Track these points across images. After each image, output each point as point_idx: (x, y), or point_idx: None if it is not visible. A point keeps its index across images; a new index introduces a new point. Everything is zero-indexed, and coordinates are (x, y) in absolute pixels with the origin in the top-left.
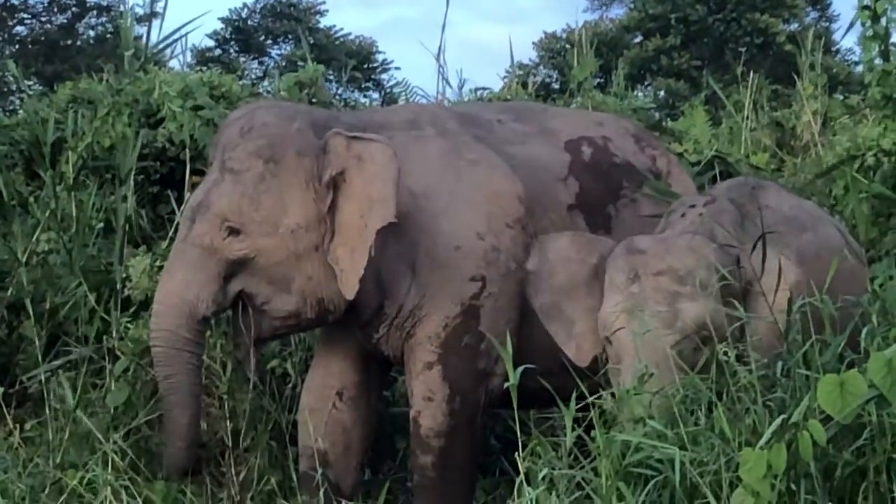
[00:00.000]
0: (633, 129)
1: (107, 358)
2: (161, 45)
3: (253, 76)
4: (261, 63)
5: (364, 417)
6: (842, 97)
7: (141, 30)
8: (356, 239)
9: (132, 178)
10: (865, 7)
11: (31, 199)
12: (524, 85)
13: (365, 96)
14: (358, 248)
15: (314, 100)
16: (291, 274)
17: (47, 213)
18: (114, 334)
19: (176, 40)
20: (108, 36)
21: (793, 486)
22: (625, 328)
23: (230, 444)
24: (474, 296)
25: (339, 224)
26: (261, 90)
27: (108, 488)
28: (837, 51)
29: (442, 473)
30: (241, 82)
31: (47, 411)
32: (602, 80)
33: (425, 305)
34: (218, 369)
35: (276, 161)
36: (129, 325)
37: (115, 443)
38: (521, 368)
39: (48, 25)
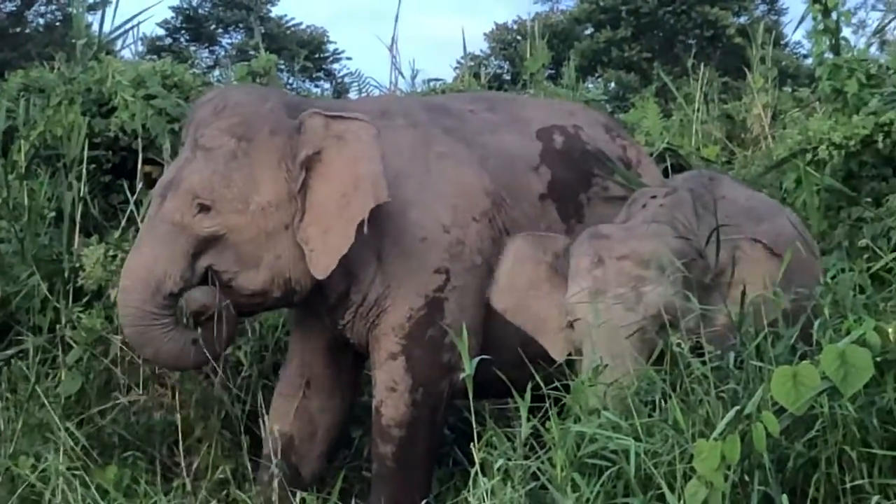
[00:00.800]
0: (604, 119)
1: (60, 347)
2: (114, 35)
3: (204, 65)
4: (211, 52)
5: (332, 406)
6: (791, 90)
7: (91, 18)
8: (333, 219)
9: (84, 167)
10: (816, 1)
11: None
12: (476, 76)
13: (316, 86)
14: (336, 228)
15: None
16: (260, 252)
17: None
18: (64, 323)
19: (128, 30)
20: (58, 24)
21: (746, 477)
22: (586, 313)
23: (181, 434)
24: (438, 288)
25: (311, 204)
26: (212, 79)
27: (61, 478)
28: (786, 44)
29: (401, 464)
30: (192, 71)
31: None
32: (553, 72)
33: (390, 296)
34: None
35: (248, 139)
36: (81, 314)
37: (67, 429)
38: (476, 360)
39: None
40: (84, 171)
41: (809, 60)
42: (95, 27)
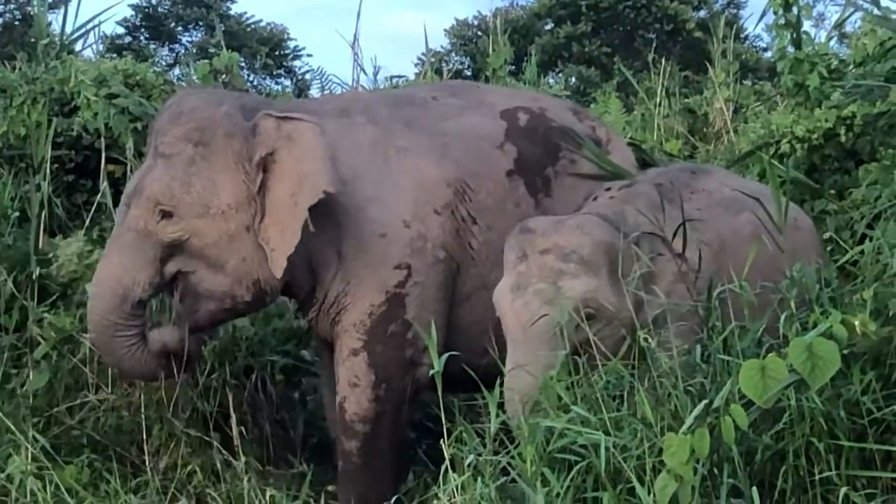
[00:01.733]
0: (569, 104)
1: (30, 345)
2: (76, 34)
3: (164, 63)
4: (171, 50)
5: None
6: (752, 84)
7: (51, 17)
8: (287, 218)
9: (47, 166)
10: None
11: None
12: (438, 72)
13: (277, 83)
14: (289, 227)
15: (229, 87)
16: (225, 255)
17: None
18: (30, 322)
19: (91, 29)
20: (17, 23)
21: (715, 470)
22: (509, 307)
23: (146, 432)
24: (399, 284)
25: (269, 204)
26: (172, 78)
27: (30, 477)
28: (746, 37)
29: (366, 460)
30: (153, 70)
31: None
32: (514, 68)
33: (350, 292)
34: None
35: (204, 144)
36: (46, 312)
37: (35, 426)
38: (445, 356)
39: None
40: (48, 170)
41: (769, 54)
42: (55, 26)
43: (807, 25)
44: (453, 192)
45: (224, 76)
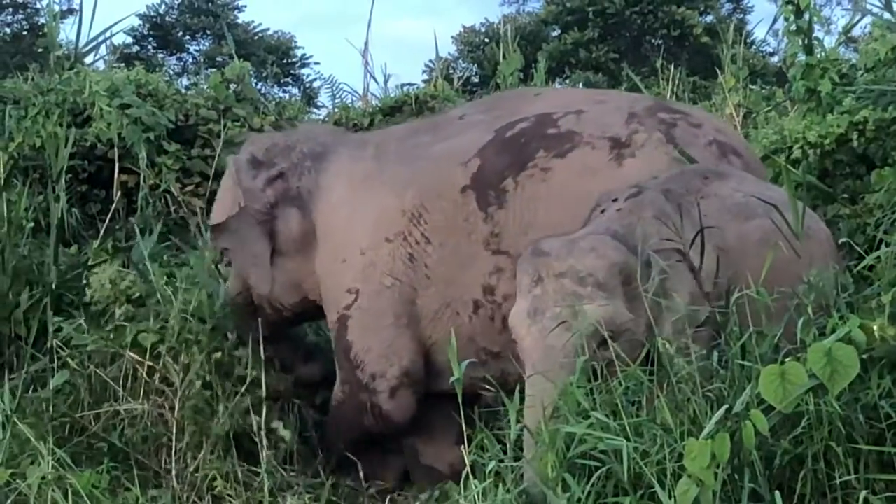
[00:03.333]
0: (637, 107)
1: (50, 355)
2: (89, 46)
3: (172, 72)
4: (179, 59)
5: None
6: (760, 88)
7: (61, 27)
8: None
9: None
10: (789, 2)
11: None
12: (449, 80)
13: (285, 91)
14: None
15: (241, 97)
16: None
17: None
18: (52, 332)
19: (104, 41)
20: (25, 33)
21: (735, 475)
22: (526, 332)
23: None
24: (346, 307)
25: None
26: (181, 87)
27: (51, 486)
28: (752, 42)
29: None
30: (165, 79)
31: None
32: (522, 75)
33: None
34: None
35: None
36: (68, 328)
37: (54, 433)
38: (465, 363)
39: None
40: (63, 181)
41: (776, 58)
42: (63, 36)
43: (817, 31)
44: (408, 218)
45: (236, 86)
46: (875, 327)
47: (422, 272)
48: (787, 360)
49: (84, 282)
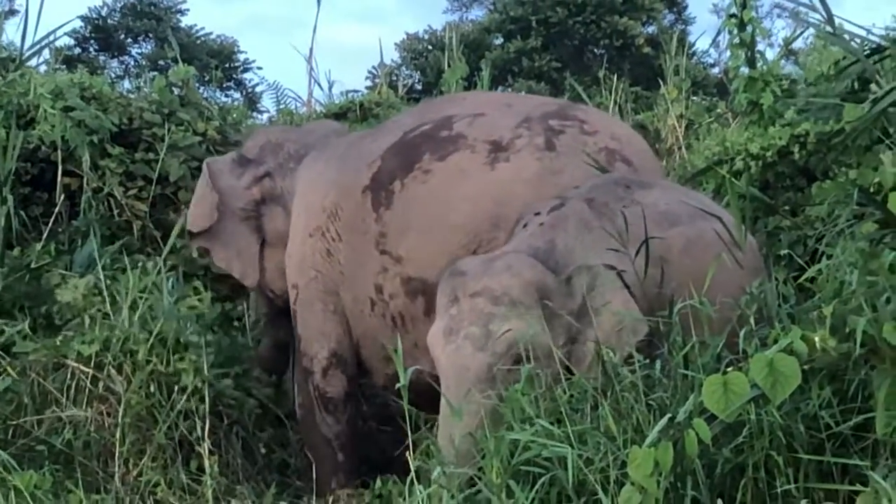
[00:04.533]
0: (537, 112)
1: None
2: (34, 49)
3: (113, 75)
4: (121, 62)
5: None
6: (702, 100)
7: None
8: None
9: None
10: (732, 15)
11: None
12: (393, 87)
13: (227, 96)
14: None
15: (185, 101)
16: None
17: None
18: None
19: (49, 43)
20: None
21: (678, 483)
22: (441, 350)
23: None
24: (294, 300)
25: None
26: (123, 90)
27: None
28: (694, 53)
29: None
30: (109, 82)
31: None
32: (466, 83)
33: None
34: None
35: None
36: (4, 327)
37: None
38: (411, 369)
39: None
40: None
41: (717, 70)
42: (4, 37)
43: (759, 43)
44: (327, 215)
45: (180, 90)
46: (816, 338)
47: (337, 267)
48: (729, 370)
49: (27, 284)
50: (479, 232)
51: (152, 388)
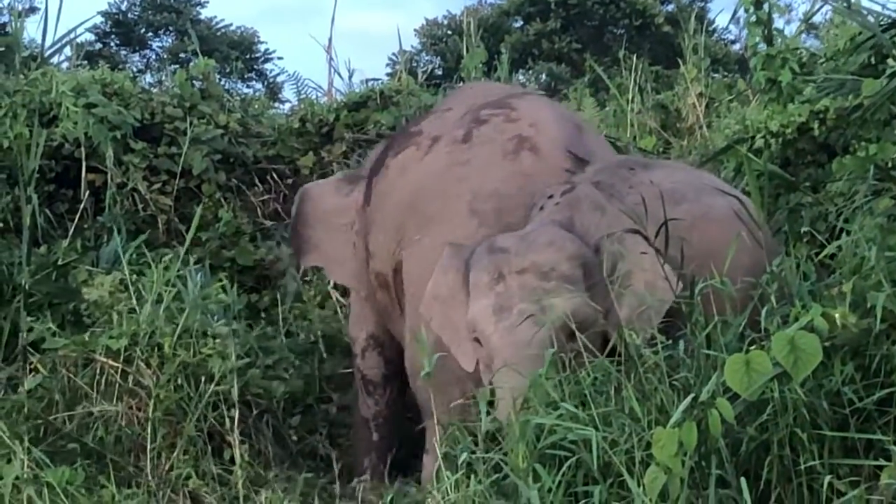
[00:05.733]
0: (482, 103)
1: (24, 357)
2: (55, 47)
3: (134, 69)
4: (142, 56)
5: None
6: (723, 77)
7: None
8: None
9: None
10: None
11: None
12: (413, 74)
13: (248, 87)
14: None
15: (206, 94)
16: None
17: None
18: (22, 335)
19: (69, 41)
20: None
21: (703, 462)
22: (493, 328)
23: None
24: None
25: None
26: (145, 84)
27: (25, 484)
28: (714, 30)
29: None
30: (130, 78)
31: None
32: (485, 67)
33: None
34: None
35: None
36: (34, 325)
37: (28, 433)
38: (436, 356)
39: None
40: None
41: (737, 46)
42: (25, 35)
43: (777, 20)
44: (354, 209)
45: (201, 83)
46: (837, 315)
47: (359, 258)
48: (751, 348)
49: (54, 281)
50: (400, 226)
51: (180, 381)
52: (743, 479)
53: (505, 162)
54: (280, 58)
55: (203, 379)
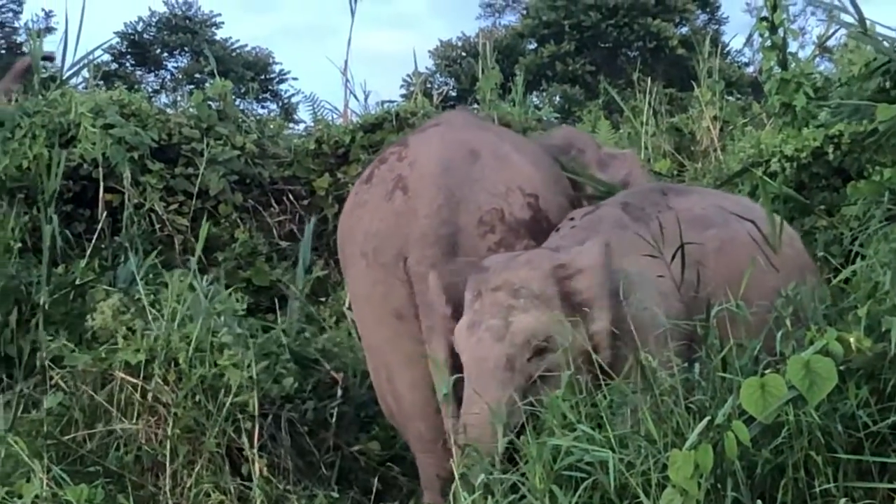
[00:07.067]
0: (407, 136)
1: (43, 374)
2: (74, 69)
3: (150, 89)
4: (157, 76)
5: None
6: (736, 99)
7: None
8: None
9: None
10: (763, 19)
11: None
12: (428, 96)
13: (263, 108)
14: None
15: (223, 115)
16: None
17: None
18: (40, 353)
19: (88, 63)
20: (2, 52)
21: (718, 485)
22: (465, 344)
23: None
24: None
25: None
26: (160, 104)
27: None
28: (728, 52)
29: None
30: (147, 99)
31: None
32: (501, 89)
33: None
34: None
35: None
36: (58, 347)
37: (47, 451)
38: (452, 378)
39: None
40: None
41: (751, 69)
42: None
43: (791, 44)
44: None
45: (218, 104)
46: (852, 339)
47: None
48: (766, 371)
49: (72, 301)
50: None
51: (198, 398)
52: (759, 502)
53: (383, 202)
54: (295, 78)
55: (221, 392)
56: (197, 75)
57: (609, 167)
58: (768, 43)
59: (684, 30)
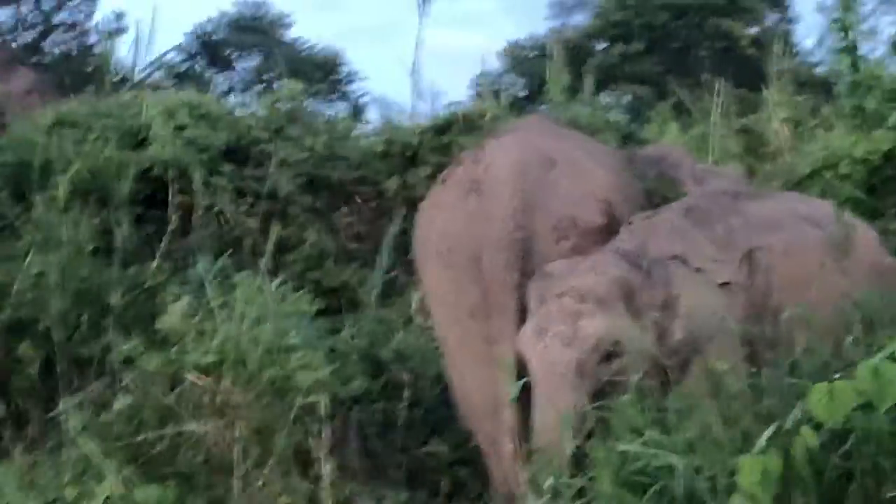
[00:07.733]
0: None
1: (113, 375)
2: (147, 71)
3: (219, 90)
4: (227, 77)
5: None
6: (807, 100)
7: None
8: None
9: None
10: (835, 20)
11: (18, 222)
12: (496, 96)
13: (331, 108)
14: None
15: (291, 116)
16: None
17: (39, 236)
18: (112, 355)
19: (160, 66)
20: (75, 54)
21: (786, 490)
22: (533, 351)
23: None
24: None
25: None
26: (230, 105)
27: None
28: (798, 52)
29: None
30: (218, 101)
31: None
32: (569, 90)
33: None
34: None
35: None
36: (131, 350)
37: (118, 450)
38: (520, 382)
39: (14, 44)
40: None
41: (822, 68)
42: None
43: (863, 46)
44: None
45: (288, 105)
46: None
47: None
48: (836, 377)
49: (143, 302)
50: None
51: (267, 399)
52: None
53: (457, 204)
54: (364, 78)
55: (291, 393)
56: (266, 76)
57: (705, 182)
58: (840, 45)
59: (755, 29)
